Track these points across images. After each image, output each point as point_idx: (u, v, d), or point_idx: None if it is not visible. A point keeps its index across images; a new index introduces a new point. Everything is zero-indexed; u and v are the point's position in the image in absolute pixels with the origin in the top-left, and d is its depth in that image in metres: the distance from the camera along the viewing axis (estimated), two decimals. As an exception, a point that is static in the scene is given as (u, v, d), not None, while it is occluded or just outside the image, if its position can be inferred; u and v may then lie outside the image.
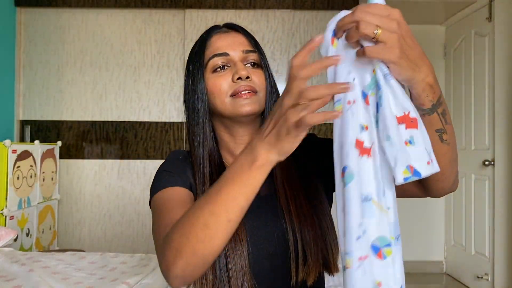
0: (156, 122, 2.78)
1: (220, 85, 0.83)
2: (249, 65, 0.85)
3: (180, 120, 2.78)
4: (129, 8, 2.78)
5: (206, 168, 0.85)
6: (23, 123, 2.77)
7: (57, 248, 2.62)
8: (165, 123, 2.78)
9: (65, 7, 2.77)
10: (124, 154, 2.78)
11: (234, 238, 0.78)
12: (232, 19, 2.76)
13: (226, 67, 0.84)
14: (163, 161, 0.93)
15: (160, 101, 2.79)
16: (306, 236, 0.80)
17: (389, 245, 0.57)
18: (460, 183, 3.30)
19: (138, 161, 2.78)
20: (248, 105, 0.82)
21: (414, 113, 0.57)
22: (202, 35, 0.89)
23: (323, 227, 0.82)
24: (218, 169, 0.86)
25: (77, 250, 2.21)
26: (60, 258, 1.82)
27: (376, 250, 0.57)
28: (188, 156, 0.90)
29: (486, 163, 2.88)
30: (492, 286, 2.84)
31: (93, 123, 2.78)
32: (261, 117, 0.88)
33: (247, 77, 0.82)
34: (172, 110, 2.79)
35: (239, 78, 0.82)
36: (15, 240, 2.18)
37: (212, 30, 0.88)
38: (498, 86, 2.79)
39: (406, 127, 0.56)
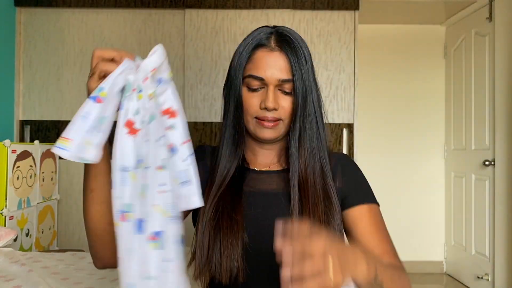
0: (156, 122, 2.78)
1: (249, 105, 0.88)
2: (282, 92, 0.87)
3: (180, 120, 2.78)
4: (129, 8, 2.77)
5: (227, 167, 0.92)
6: (23, 123, 2.77)
7: (57, 248, 2.61)
8: (165, 123, 2.78)
9: (65, 7, 2.77)
10: (124, 154, 2.78)
11: (231, 221, 0.83)
12: (232, 19, 2.76)
13: (259, 89, 0.87)
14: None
15: (160, 101, 2.79)
16: None
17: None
18: (460, 183, 3.30)
19: (138, 161, 2.78)
20: (267, 133, 0.88)
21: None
22: (250, 41, 0.89)
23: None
24: (239, 169, 0.92)
25: (77, 250, 2.20)
26: (60, 258, 1.82)
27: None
28: (212, 150, 0.98)
29: (486, 163, 2.88)
30: (492, 286, 2.83)
31: (93, 123, 2.77)
32: (287, 137, 0.92)
33: (274, 109, 0.86)
34: (172, 110, 2.79)
35: (265, 107, 0.86)
36: (15, 240, 2.18)
37: (259, 42, 0.88)
38: (498, 86, 2.79)
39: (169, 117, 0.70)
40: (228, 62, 2.83)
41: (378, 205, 0.92)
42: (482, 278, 2.93)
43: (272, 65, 0.86)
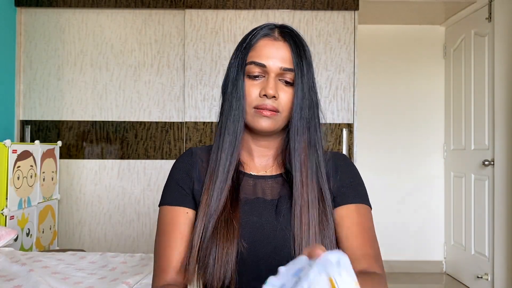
0: (156, 122, 2.78)
1: (248, 94, 0.87)
2: (282, 82, 0.87)
3: (180, 120, 2.78)
4: (129, 8, 2.78)
5: (223, 165, 0.88)
6: (23, 123, 2.77)
7: (57, 248, 2.62)
8: (165, 123, 2.78)
9: (65, 7, 2.77)
10: (124, 154, 2.79)
11: (228, 228, 0.82)
12: (232, 19, 2.76)
13: (260, 77, 0.87)
14: (164, 161, 0.96)
15: (160, 101, 2.79)
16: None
17: None
18: (460, 183, 3.30)
19: (138, 161, 2.78)
20: (264, 123, 0.86)
21: None
22: (254, 32, 0.89)
23: (326, 244, 0.84)
24: (235, 168, 0.89)
25: (77, 250, 2.21)
26: (60, 258, 1.82)
27: None
28: (201, 152, 0.95)
29: (486, 163, 2.88)
30: (492, 286, 2.84)
31: (93, 123, 2.78)
32: (285, 131, 0.91)
33: (273, 96, 0.85)
34: (172, 110, 2.79)
35: (265, 95, 0.85)
36: (16, 240, 2.18)
37: (263, 32, 0.89)
38: (498, 86, 2.79)
39: None
40: (228, 62, 2.84)
41: (370, 207, 0.91)
42: (481, 277, 2.93)
43: (275, 53, 0.86)
